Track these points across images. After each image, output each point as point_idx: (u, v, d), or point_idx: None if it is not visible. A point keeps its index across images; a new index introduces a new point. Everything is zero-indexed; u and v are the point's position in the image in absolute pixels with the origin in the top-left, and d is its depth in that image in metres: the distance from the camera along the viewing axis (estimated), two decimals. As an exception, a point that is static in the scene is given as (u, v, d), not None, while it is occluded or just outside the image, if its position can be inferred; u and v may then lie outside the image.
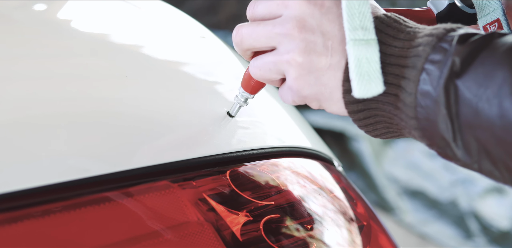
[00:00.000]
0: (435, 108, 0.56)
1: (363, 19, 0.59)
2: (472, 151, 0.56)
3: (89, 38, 0.87)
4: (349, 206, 0.85)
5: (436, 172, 2.82)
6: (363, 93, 0.60)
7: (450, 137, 0.56)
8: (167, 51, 0.91)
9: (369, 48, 0.59)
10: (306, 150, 0.88)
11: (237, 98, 0.77)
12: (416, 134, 0.60)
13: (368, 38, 0.59)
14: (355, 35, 0.59)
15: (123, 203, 0.64)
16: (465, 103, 0.54)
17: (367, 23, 0.59)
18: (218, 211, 0.69)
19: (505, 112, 0.52)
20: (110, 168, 0.65)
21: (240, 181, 0.74)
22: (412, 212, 2.68)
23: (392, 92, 0.60)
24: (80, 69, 0.77)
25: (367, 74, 0.59)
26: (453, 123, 0.55)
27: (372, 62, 0.59)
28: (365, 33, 0.59)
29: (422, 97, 0.57)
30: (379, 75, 0.59)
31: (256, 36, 0.63)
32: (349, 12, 0.59)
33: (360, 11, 0.59)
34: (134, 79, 0.80)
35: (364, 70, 0.59)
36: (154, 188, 0.66)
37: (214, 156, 0.74)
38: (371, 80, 0.59)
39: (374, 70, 0.59)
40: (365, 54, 0.59)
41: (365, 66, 0.59)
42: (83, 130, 0.67)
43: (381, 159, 2.87)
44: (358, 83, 0.60)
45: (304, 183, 0.81)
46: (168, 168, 0.69)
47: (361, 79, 0.59)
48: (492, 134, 0.53)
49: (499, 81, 0.52)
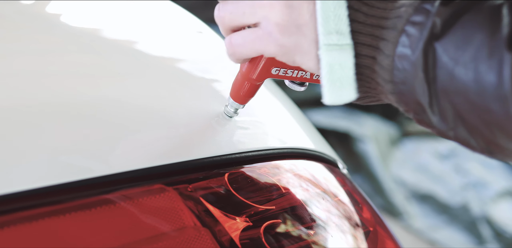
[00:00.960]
0: (413, 71, 0.57)
1: (338, 23, 0.60)
2: (448, 118, 0.57)
3: (80, 34, 0.87)
4: (354, 210, 0.85)
5: (447, 175, 2.82)
6: (333, 100, 0.61)
7: (426, 103, 0.57)
8: (162, 47, 0.91)
9: (343, 53, 0.60)
10: (309, 151, 0.88)
11: (227, 109, 0.78)
12: (392, 98, 0.61)
13: (343, 43, 0.60)
14: (328, 39, 0.60)
15: (114, 208, 0.64)
16: (442, 67, 0.55)
17: (342, 27, 0.60)
18: (216, 216, 0.69)
19: (480, 77, 0.53)
20: (100, 170, 0.65)
21: (239, 184, 0.74)
22: (421, 217, 2.68)
23: (369, 55, 0.60)
24: (70, 66, 0.77)
25: (339, 81, 0.60)
26: (429, 88, 0.56)
27: (345, 68, 0.60)
28: (339, 37, 0.60)
29: (400, 60, 0.58)
30: (352, 82, 0.60)
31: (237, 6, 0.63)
32: (324, 15, 0.60)
33: (336, 14, 0.60)
34: (127, 76, 0.80)
35: (336, 76, 0.60)
36: (147, 192, 0.66)
37: (212, 158, 0.74)
38: (343, 87, 0.61)
39: (347, 76, 0.60)
40: (338, 60, 0.60)
41: (337, 72, 0.60)
42: (73, 131, 0.67)
43: (388, 161, 2.87)
44: (328, 90, 0.61)
45: (307, 186, 0.81)
46: (163, 171, 0.69)
47: (332, 86, 0.61)
48: (466, 99, 0.54)
49: (477, 44, 0.53)
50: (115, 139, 0.69)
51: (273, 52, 0.63)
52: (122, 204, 0.64)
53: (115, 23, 0.94)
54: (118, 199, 0.64)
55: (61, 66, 0.77)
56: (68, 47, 0.83)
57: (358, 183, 2.77)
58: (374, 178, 2.79)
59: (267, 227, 0.72)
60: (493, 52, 0.52)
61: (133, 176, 0.67)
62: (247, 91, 0.76)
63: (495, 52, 0.52)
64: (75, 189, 0.62)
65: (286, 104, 1.01)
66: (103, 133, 0.69)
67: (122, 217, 0.64)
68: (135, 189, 0.66)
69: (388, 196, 2.73)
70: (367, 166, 2.81)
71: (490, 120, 0.54)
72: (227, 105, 0.79)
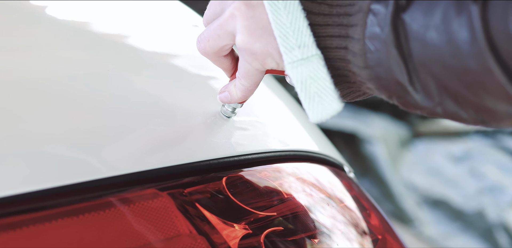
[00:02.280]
0: (385, 50, 0.58)
1: (299, 37, 0.62)
2: (431, 92, 0.58)
3: (67, 27, 0.87)
4: (361, 217, 0.85)
5: (461, 178, 2.82)
6: (318, 116, 0.62)
7: (406, 80, 0.59)
8: (154, 41, 0.91)
9: (311, 65, 0.62)
10: (312, 154, 0.88)
11: (224, 108, 0.78)
12: (372, 86, 0.62)
13: (308, 55, 0.62)
14: (292, 57, 0.62)
15: (103, 214, 0.64)
16: (414, 38, 0.57)
17: (304, 39, 0.62)
18: (213, 223, 0.69)
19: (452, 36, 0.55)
20: (88, 175, 0.65)
21: (238, 189, 0.74)
22: (433, 224, 2.68)
23: (341, 46, 0.62)
24: (56, 62, 0.77)
25: (317, 95, 0.62)
26: (406, 64, 0.58)
27: (319, 79, 0.62)
28: (303, 51, 0.62)
29: (371, 41, 0.59)
30: (331, 91, 0.62)
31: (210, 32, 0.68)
32: (281, 34, 0.62)
33: (295, 28, 0.62)
34: (117, 73, 0.80)
35: (312, 91, 0.62)
36: (139, 197, 0.66)
37: (208, 161, 0.74)
38: (323, 100, 0.62)
39: (324, 87, 0.62)
40: (308, 74, 0.62)
41: (312, 86, 0.62)
42: (59, 133, 0.67)
43: (398, 164, 2.87)
44: (309, 107, 0.62)
45: (311, 191, 0.81)
46: (156, 175, 0.69)
47: (311, 102, 0.62)
48: (444, 65, 0.56)
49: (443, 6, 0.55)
50: (103, 141, 0.69)
51: (256, 65, 0.67)
52: (111, 210, 0.64)
53: (104, 16, 0.94)
54: (107, 205, 0.64)
55: (45, 62, 0.77)
56: (53, 41, 0.83)
57: (366, 188, 2.78)
58: (382, 182, 2.79)
59: (268, 235, 0.72)
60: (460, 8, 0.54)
61: (123, 181, 0.67)
62: None
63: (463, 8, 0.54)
64: (61, 194, 0.62)
65: (288, 102, 1.01)
66: (91, 134, 0.69)
67: (111, 224, 0.64)
68: (126, 194, 0.66)
69: (398, 202, 2.73)
70: (375, 170, 2.82)
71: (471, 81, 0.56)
72: (223, 105, 0.79)
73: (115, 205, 0.65)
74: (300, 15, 0.62)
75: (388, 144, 2.89)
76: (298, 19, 0.62)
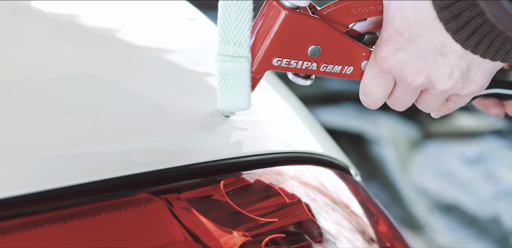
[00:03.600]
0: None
1: (237, 34, 0.70)
2: None
3: (53, 20, 0.87)
4: (369, 223, 0.85)
5: (475, 182, 2.82)
6: (225, 107, 0.75)
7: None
8: (147, 35, 0.91)
9: (238, 65, 0.72)
10: (316, 156, 0.88)
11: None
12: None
13: (239, 55, 0.71)
14: (224, 50, 0.71)
15: (93, 221, 0.63)
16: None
17: (241, 38, 0.71)
18: (210, 230, 0.69)
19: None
20: (76, 178, 0.65)
21: (236, 194, 0.74)
22: (445, 231, 2.68)
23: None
24: (42, 58, 0.77)
25: (233, 90, 0.73)
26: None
27: (240, 78, 0.73)
28: (236, 49, 0.71)
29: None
30: (246, 92, 0.73)
31: None
32: (224, 25, 0.70)
33: (237, 25, 0.70)
34: (108, 70, 0.80)
35: (230, 85, 0.73)
36: (131, 202, 0.66)
37: (205, 163, 0.74)
38: (236, 96, 0.74)
39: (241, 85, 0.73)
40: (232, 70, 0.72)
41: (231, 81, 0.73)
42: (43, 133, 0.67)
43: (408, 167, 2.87)
44: (221, 97, 0.74)
45: (315, 195, 0.81)
46: (149, 178, 0.69)
47: (225, 93, 0.74)
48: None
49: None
50: (92, 143, 0.69)
51: None
52: (101, 216, 0.64)
53: (93, 9, 0.94)
54: (96, 210, 0.64)
55: (30, 58, 0.77)
56: (39, 35, 0.83)
57: (373, 192, 2.77)
58: (391, 186, 2.79)
59: (269, 242, 0.72)
60: None
61: (114, 184, 0.67)
62: None
63: None
64: (46, 199, 0.62)
65: (291, 101, 1.01)
66: (79, 136, 0.69)
67: (101, 231, 0.64)
68: (117, 200, 0.66)
69: (408, 207, 2.73)
70: (384, 173, 2.82)
71: None
72: None
73: (104, 211, 0.65)
74: (247, 15, 0.69)
75: (397, 145, 2.89)
76: (243, 19, 0.69)
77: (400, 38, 0.71)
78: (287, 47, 0.73)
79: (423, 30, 0.70)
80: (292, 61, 0.73)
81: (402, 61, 0.72)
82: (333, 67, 0.76)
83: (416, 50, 0.71)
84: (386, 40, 0.73)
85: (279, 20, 0.71)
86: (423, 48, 0.71)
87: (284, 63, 0.73)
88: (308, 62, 0.74)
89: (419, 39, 0.71)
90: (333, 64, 0.76)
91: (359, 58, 0.76)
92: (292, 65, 0.74)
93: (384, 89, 0.76)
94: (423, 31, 0.70)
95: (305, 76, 0.76)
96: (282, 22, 0.71)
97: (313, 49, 0.74)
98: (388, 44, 0.72)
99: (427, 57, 0.72)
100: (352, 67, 0.77)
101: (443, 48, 0.71)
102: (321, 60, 0.75)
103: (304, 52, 0.74)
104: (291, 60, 0.73)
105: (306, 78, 0.77)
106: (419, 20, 0.70)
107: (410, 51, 0.72)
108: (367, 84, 0.77)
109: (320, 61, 0.75)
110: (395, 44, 0.72)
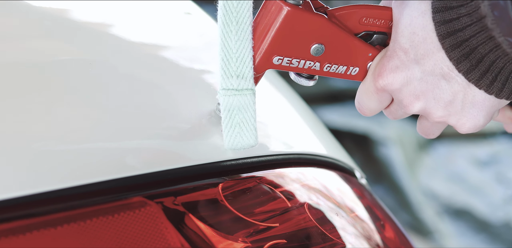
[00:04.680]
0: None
1: (240, 66, 0.70)
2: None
3: (44, 14, 0.87)
4: (375, 229, 0.85)
5: (486, 185, 2.82)
6: (232, 146, 0.73)
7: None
8: (141, 31, 0.91)
9: (243, 98, 0.72)
10: (320, 157, 0.88)
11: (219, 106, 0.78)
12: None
13: (243, 87, 0.71)
14: (227, 84, 0.71)
15: (85, 226, 0.63)
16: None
17: (244, 70, 0.71)
18: (208, 236, 0.69)
19: None
20: (66, 181, 0.65)
21: (236, 197, 0.74)
22: (455, 237, 2.68)
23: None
24: (31, 54, 0.77)
25: (239, 126, 0.73)
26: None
27: (246, 112, 0.72)
28: (240, 82, 0.71)
29: None
30: (253, 127, 0.73)
31: None
32: (225, 57, 0.70)
33: (239, 56, 0.70)
34: (100, 67, 0.80)
35: (236, 121, 0.73)
36: (124, 207, 0.66)
37: (202, 165, 0.74)
38: (242, 133, 0.73)
39: (248, 120, 0.73)
40: (237, 104, 0.72)
41: (237, 117, 0.72)
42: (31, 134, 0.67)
43: (416, 169, 2.87)
44: (227, 135, 0.73)
45: (318, 199, 0.81)
46: (143, 181, 0.69)
47: (231, 130, 0.73)
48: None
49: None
50: (83, 143, 0.69)
51: None
52: (93, 221, 0.64)
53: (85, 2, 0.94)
54: (87, 215, 0.64)
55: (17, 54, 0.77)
56: (26, 31, 0.83)
57: (380, 196, 2.77)
58: (399, 189, 2.79)
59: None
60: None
61: (106, 188, 0.66)
62: None
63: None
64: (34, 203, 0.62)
65: (292, 99, 1.01)
66: (69, 136, 0.69)
67: (92, 238, 0.64)
68: (109, 204, 0.66)
69: (416, 211, 2.73)
70: (391, 175, 2.82)
71: None
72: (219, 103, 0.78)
73: (96, 216, 0.65)
74: (248, 44, 0.69)
75: (405, 146, 2.89)
76: (245, 49, 0.69)
77: (403, 56, 0.70)
78: (288, 45, 0.72)
79: (431, 51, 0.69)
80: (294, 60, 0.73)
81: (401, 81, 0.71)
82: (337, 68, 0.75)
83: (420, 71, 0.70)
84: (388, 56, 0.72)
85: (280, 17, 0.71)
86: (427, 70, 0.70)
87: (285, 62, 0.73)
88: (311, 62, 0.73)
89: (425, 60, 0.69)
90: (337, 64, 0.75)
91: (366, 58, 0.76)
92: (293, 65, 0.73)
93: (378, 104, 0.76)
94: (431, 52, 0.69)
95: (308, 76, 0.76)
96: (283, 19, 0.71)
97: (316, 48, 0.73)
98: (390, 61, 0.71)
99: (429, 80, 0.70)
100: (358, 68, 0.76)
101: (450, 72, 0.69)
102: (325, 60, 0.74)
103: (306, 51, 0.73)
104: (293, 59, 0.73)
105: (309, 78, 0.76)
106: (428, 40, 0.68)
107: (413, 71, 0.70)
108: (360, 97, 0.76)
109: (324, 60, 0.74)
110: (397, 61, 0.71)
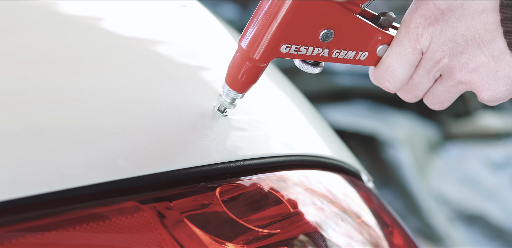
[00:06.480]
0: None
1: None
2: None
3: (32, 8, 0.87)
4: (382, 235, 0.85)
5: (501, 189, 2.82)
6: None
7: None
8: (136, 25, 0.91)
9: None
10: (324, 159, 0.88)
11: (222, 99, 0.78)
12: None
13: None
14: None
15: (74, 232, 0.63)
16: None
17: None
18: (205, 242, 0.69)
19: None
20: (56, 184, 0.65)
21: (234, 202, 0.74)
22: (468, 244, 2.68)
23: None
24: (18, 49, 0.77)
25: None
26: None
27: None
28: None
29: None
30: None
31: None
32: None
33: None
34: (92, 63, 0.80)
35: None
36: (117, 211, 0.66)
37: (199, 168, 0.74)
38: None
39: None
40: None
41: None
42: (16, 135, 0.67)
43: (427, 172, 2.87)
44: None
45: (322, 204, 0.81)
46: (136, 184, 0.69)
47: None
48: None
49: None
50: (74, 146, 0.69)
51: None
52: (83, 227, 0.64)
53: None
54: (77, 221, 0.64)
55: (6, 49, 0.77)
56: (13, 25, 0.83)
57: (388, 200, 2.78)
58: (408, 193, 2.79)
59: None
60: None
61: (97, 191, 0.66)
62: (248, 76, 0.75)
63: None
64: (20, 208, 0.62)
65: (295, 98, 1.01)
66: (58, 137, 0.69)
67: (83, 244, 0.64)
68: (100, 208, 0.66)
69: (426, 217, 2.73)
70: (399, 178, 2.82)
71: None
72: (221, 95, 0.78)
73: (86, 221, 0.65)
74: None
75: (414, 147, 2.89)
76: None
77: (439, 15, 0.74)
78: (297, 33, 0.72)
79: (466, 18, 0.73)
80: (302, 47, 0.73)
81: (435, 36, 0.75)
82: (346, 53, 0.76)
83: (452, 33, 0.74)
84: (423, 15, 0.75)
85: (287, 4, 0.71)
86: (459, 33, 0.74)
87: (293, 50, 0.73)
88: (320, 48, 0.74)
89: (458, 24, 0.74)
90: (346, 49, 0.76)
91: (375, 42, 0.76)
92: (301, 52, 0.74)
93: (408, 70, 0.78)
94: (465, 19, 0.73)
95: (314, 63, 0.76)
96: (290, 6, 0.71)
97: (325, 34, 0.73)
98: (426, 19, 0.75)
99: (460, 41, 0.75)
100: (367, 52, 0.77)
101: (480, 40, 0.74)
102: (334, 46, 0.75)
103: (315, 37, 0.73)
104: (301, 46, 0.73)
105: (315, 65, 0.77)
106: (465, 7, 0.73)
107: (446, 31, 0.75)
108: (390, 64, 0.77)
109: (333, 46, 0.75)
110: (432, 18, 0.74)
